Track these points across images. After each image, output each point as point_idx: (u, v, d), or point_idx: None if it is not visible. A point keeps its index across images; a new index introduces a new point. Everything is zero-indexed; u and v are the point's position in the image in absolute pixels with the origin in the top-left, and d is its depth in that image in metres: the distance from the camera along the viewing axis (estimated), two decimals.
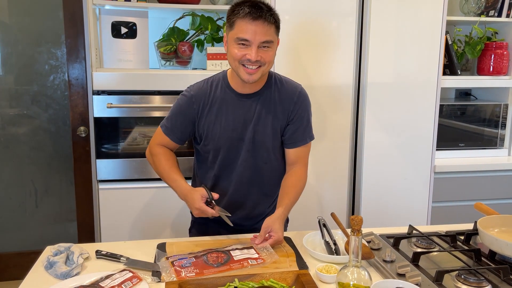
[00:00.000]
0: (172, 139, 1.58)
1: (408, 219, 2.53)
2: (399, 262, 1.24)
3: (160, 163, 1.56)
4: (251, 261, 1.27)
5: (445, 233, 1.49)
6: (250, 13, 1.36)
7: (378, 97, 2.39)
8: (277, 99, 1.54)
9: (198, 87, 1.55)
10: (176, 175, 1.52)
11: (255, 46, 1.38)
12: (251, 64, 1.40)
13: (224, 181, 1.58)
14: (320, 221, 1.47)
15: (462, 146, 2.72)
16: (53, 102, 2.91)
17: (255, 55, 1.38)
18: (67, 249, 1.30)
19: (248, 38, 1.38)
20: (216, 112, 1.52)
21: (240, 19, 1.38)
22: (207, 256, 1.27)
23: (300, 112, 1.56)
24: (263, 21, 1.37)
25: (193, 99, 1.52)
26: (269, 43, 1.40)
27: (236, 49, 1.40)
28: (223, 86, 1.53)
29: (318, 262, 1.30)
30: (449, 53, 2.64)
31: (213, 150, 1.55)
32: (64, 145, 2.95)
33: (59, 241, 2.89)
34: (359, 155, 2.44)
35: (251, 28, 1.37)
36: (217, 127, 1.52)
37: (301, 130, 1.57)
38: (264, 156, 1.56)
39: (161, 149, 1.59)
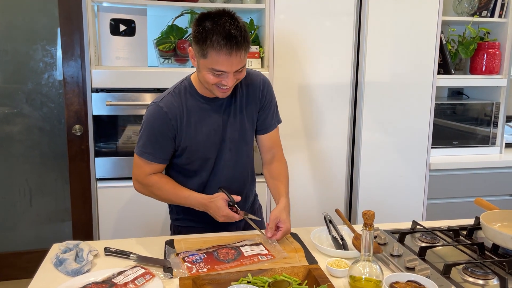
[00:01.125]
0: (160, 162, 1.49)
1: (405, 216, 2.56)
2: (406, 256, 1.27)
3: (162, 190, 1.50)
4: (261, 257, 1.28)
5: (448, 228, 1.52)
6: (225, 46, 1.28)
7: (375, 95, 2.42)
8: (245, 92, 1.52)
9: (169, 102, 1.45)
10: (184, 191, 1.49)
11: (232, 74, 1.34)
12: (226, 86, 1.37)
13: (212, 185, 1.54)
14: (326, 217, 1.48)
15: (455, 144, 2.77)
16: (48, 100, 2.88)
17: (231, 81, 1.35)
18: (75, 246, 1.29)
19: (225, 70, 1.32)
20: (195, 122, 1.46)
21: (214, 51, 1.29)
22: (217, 252, 1.27)
23: (268, 98, 1.57)
24: (240, 53, 1.31)
25: (169, 115, 1.44)
26: (243, 67, 1.37)
27: (211, 76, 1.35)
28: (192, 93, 1.47)
29: (327, 257, 1.31)
30: (443, 52, 2.68)
31: (199, 159, 1.50)
32: (59, 144, 2.93)
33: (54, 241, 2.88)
34: (356, 153, 2.47)
35: (228, 61, 1.31)
36: (199, 137, 1.47)
37: (271, 115, 1.59)
38: (246, 150, 1.57)
39: (154, 177, 1.50)
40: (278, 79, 2.32)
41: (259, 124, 1.58)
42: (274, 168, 1.60)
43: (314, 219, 2.46)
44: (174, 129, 1.45)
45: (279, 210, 1.44)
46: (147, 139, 1.46)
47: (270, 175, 1.60)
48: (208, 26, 1.30)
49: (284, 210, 1.44)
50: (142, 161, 1.48)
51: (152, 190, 1.51)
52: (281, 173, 1.59)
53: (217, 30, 1.28)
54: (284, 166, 1.62)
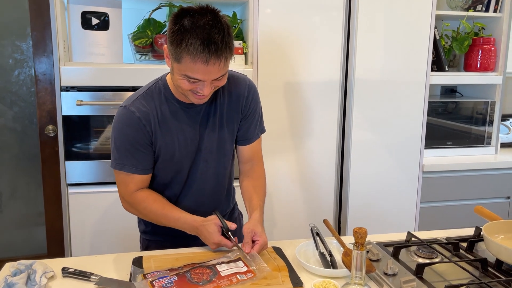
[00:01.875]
0: (144, 173, 1.32)
1: (397, 220, 2.44)
2: (402, 275, 1.13)
3: (150, 210, 1.32)
4: (240, 276, 1.13)
5: (446, 239, 1.39)
6: (203, 53, 1.11)
7: (365, 93, 2.29)
8: (227, 98, 1.36)
9: (142, 106, 1.28)
10: (175, 212, 1.32)
11: (208, 83, 1.18)
12: (201, 95, 1.21)
13: (184, 199, 1.40)
14: (313, 229, 1.34)
15: (449, 144, 2.65)
16: (18, 99, 2.70)
17: (208, 90, 1.19)
18: (28, 268, 1.14)
19: (200, 79, 1.16)
20: (170, 129, 1.31)
21: (189, 57, 1.12)
22: (190, 273, 1.13)
23: (252, 107, 1.40)
24: (219, 61, 1.14)
25: (143, 121, 1.27)
26: (223, 75, 1.20)
27: (186, 82, 1.18)
28: (168, 97, 1.31)
29: (313, 276, 1.18)
30: (437, 48, 2.56)
31: (173, 170, 1.35)
32: (31, 145, 2.75)
33: (27, 248, 2.69)
34: (346, 153, 2.34)
35: (204, 69, 1.14)
36: (174, 144, 1.32)
37: (254, 125, 1.43)
38: (223, 161, 1.41)
39: (140, 194, 1.33)
40: (263, 76, 2.17)
41: (240, 134, 1.43)
42: (251, 180, 1.45)
43: (301, 226, 2.33)
44: (150, 136, 1.29)
45: (253, 223, 1.29)
46: (123, 149, 1.29)
47: (246, 187, 1.44)
48: (186, 25, 1.12)
49: (258, 223, 1.30)
50: (123, 176, 1.31)
51: (140, 210, 1.35)
52: (258, 185, 1.44)
53: (195, 32, 1.11)
54: (262, 178, 1.47)
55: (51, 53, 2.53)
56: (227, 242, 1.27)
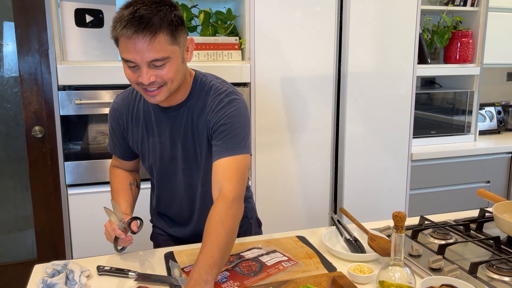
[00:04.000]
0: (119, 156, 1.43)
1: (388, 207, 2.54)
2: (427, 256, 1.20)
3: (111, 186, 1.44)
4: (285, 263, 1.17)
5: (455, 222, 1.48)
6: (126, 27, 1.04)
7: (358, 87, 2.36)
8: (198, 108, 1.25)
9: (123, 98, 1.35)
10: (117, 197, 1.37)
11: (145, 67, 1.09)
12: (147, 86, 1.13)
13: (166, 199, 1.43)
14: (334, 217, 1.39)
15: (433, 133, 2.78)
16: (2, 100, 2.61)
17: (146, 77, 1.10)
18: (64, 267, 1.13)
19: (132, 60, 1.09)
20: (142, 128, 1.31)
21: (118, 36, 1.08)
22: (239, 267, 1.15)
23: (218, 118, 1.21)
24: (143, 34, 1.05)
25: (117, 113, 1.35)
26: (161, 60, 1.09)
27: (127, 70, 1.14)
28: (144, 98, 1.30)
29: (343, 262, 1.23)
30: (420, 42, 2.67)
31: (148, 168, 1.40)
32: (17, 148, 2.66)
33: (15, 253, 2.61)
34: (340, 146, 2.41)
35: (133, 48, 1.06)
36: (145, 145, 1.33)
37: (223, 139, 1.19)
38: (202, 175, 1.31)
39: (115, 171, 1.46)
40: (260, 71, 2.20)
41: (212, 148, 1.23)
42: (211, 219, 1.09)
43: (298, 218, 2.39)
44: (122, 129, 1.37)
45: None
46: (110, 133, 1.42)
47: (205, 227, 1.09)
48: (122, 7, 1.10)
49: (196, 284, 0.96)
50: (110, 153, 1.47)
51: (110, 179, 1.46)
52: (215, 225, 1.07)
53: (126, 11, 1.06)
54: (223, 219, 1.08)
55: (36, 51, 2.46)
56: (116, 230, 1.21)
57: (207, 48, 2.16)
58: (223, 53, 2.17)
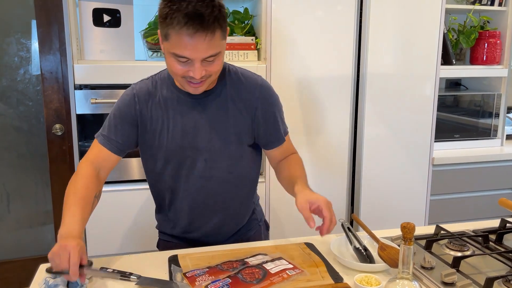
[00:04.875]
0: (110, 149, 1.27)
1: (408, 214, 2.47)
2: (440, 269, 1.15)
3: (75, 185, 1.21)
4: (290, 272, 1.14)
5: (473, 232, 1.41)
6: (187, 25, 1.06)
7: (377, 89, 2.30)
8: (235, 97, 1.28)
9: (144, 85, 1.30)
10: (72, 207, 1.16)
11: (198, 62, 1.12)
12: (195, 79, 1.15)
13: (180, 194, 1.35)
14: (344, 225, 1.35)
15: (457, 137, 2.68)
16: (24, 97, 2.66)
17: (199, 72, 1.13)
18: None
19: (188, 56, 1.11)
20: (163, 116, 1.27)
21: (175, 32, 1.08)
22: (241, 274, 1.13)
23: (267, 108, 1.31)
24: (205, 34, 1.08)
25: (136, 98, 1.27)
26: (214, 56, 1.13)
27: (176, 64, 1.14)
28: (169, 85, 1.28)
29: (350, 271, 1.18)
30: (445, 42, 2.58)
31: (162, 160, 1.30)
32: (38, 145, 2.72)
33: (35, 248, 2.66)
34: (358, 149, 2.35)
35: (191, 45, 1.08)
36: (164, 134, 1.28)
37: (274, 128, 1.35)
38: (231, 166, 1.32)
39: (87, 170, 1.24)
40: (276, 72, 2.17)
41: (262, 139, 1.35)
42: (287, 161, 1.40)
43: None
44: (138, 115, 1.28)
45: (302, 195, 1.21)
46: (109, 121, 1.30)
47: (283, 168, 1.39)
48: (173, 1, 1.09)
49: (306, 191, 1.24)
50: (94, 145, 1.30)
51: (72, 178, 1.24)
52: (296, 164, 1.38)
53: (180, 5, 1.07)
54: (299, 160, 1.42)
55: (57, 50, 2.50)
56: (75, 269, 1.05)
57: None
58: (239, 53, 2.15)
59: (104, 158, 1.28)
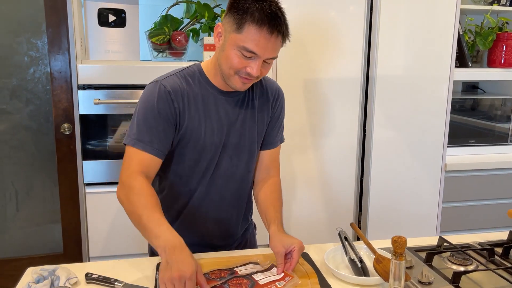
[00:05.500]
0: (156, 154, 1.19)
1: (418, 221, 2.39)
2: (438, 284, 1.08)
3: (140, 197, 1.12)
4: (279, 283, 1.10)
5: (479, 244, 1.34)
6: (269, 24, 1.10)
7: (387, 90, 2.23)
8: (258, 96, 1.33)
9: (173, 82, 1.22)
10: (161, 216, 1.11)
11: (261, 61, 1.15)
12: (249, 76, 1.17)
13: (200, 195, 1.31)
14: (341, 234, 1.30)
15: (472, 142, 2.58)
16: (34, 97, 2.68)
17: (257, 70, 1.15)
18: (51, 274, 1.11)
19: (257, 53, 1.12)
20: (198, 112, 1.24)
21: (254, 26, 1.10)
22: (228, 284, 1.09)
23: (278, 110, 1.39)
24: (280, 37, 1.14)
25: (172, 95, 1.20)
26: (275, 58, 1.18)
27: (237, 58, 1.14)
28: (201, 81, 1.26)
29: (343, 284, 1.13)
30: (460, 44, 2.49)
31: (192, 160, 1.27)
32: (47, 144, 2.73)
33: (43, 247, 2.67)
34: (367, 152, 2.29)
35: (264, 43, 1.11)
36: (200, 131, 1.24)
37: (277, 130, 1.40)
38: (249, 163, 1.35)
39: (139, 182, 1.15)
40: (282, 72, 2.12)
41: (264, 137, 1.38)
42: (267, 191, 1.35)
43: (319, 228, 2.28)
44: (176, 114, 1.21)
45: (277, 239, 1.18)
46: (143, 123, 1.19)
47: (262, 200, 1.35)
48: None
49: (280, 235, 1.20)
50: (134, 153, 1.18)
51: (129, 196, 1.14)
52: (274, 197, 1.34)
53: (261, 5, 1.11)
54: (279, 190, 1.38)
55: (66, 50, 2.50)
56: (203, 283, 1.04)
57: None
58: None
59: (149, 164, 1.19)
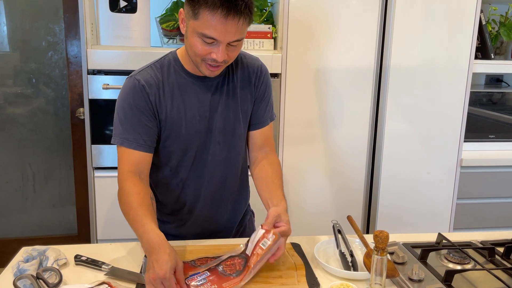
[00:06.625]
0: (145, 150, 1.20)
1: (430, 217, 2.32)
2: (429, 282, 1.04)
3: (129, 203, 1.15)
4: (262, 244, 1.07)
5: (481, 243, 1.28)
6: (222, 7, 1.05)
7: (401, 82, 2.16)
8: (239, 76, 1.30)
9: (147, 74, 1.21)
10: (148, 217, 1.11)
11: (224, 45, 1.11)
12: (215, 62, 1.14)
13: (192, 185, 1.31)
14: (335, 226, 1.27)
15: (492, 138, 2.48)
16: (51, 81, 2.74)
17: (221, 55, 1.12)
18: (41, 254, 1.13)
19: (217, 38, 1.09)
20: (177, 102, 1.22)
21: (208, 11, 1.06)
22: (222, 266, 1.09)
23: (263, 88, 1.34)
24: (238, 18, 1.08)
25: (147, 89, 1.19)
26: (239, 40, 1.14)
27: (200, 44, 1.12)
28: (177, 70, 1.24)
29: (332, 277, 1.11)
30: (482, 34, 2.38)
31: (179, 150, 1.26)
32: (63, 127, 2.79)
33: (58, 228, 2.73)
34: (378, 145, 2.23)
35: (222, 27, 1.08)
36: (181, 121, 1.23)
37: (265, 107, 1.35)
38: (238, 145, 1.32)
39: (130, 183, 1.17)
40: (292, 62, 2.08)
41: (252, 117, 1.34)
42: (267, 168, 1.32)
43: (327, 221, 2.24)
44: (154, 106, 1.21)
45: (282, 210, 1.16)
46: (125, 121, 1.20)
47: (261, 177, 1.31)
48: None
49: (285, 212, 1.18)
50: (124, 152, 1.20)
51: (121, 197, 1.18)
52: (276, 175, 1.31)
53: None
54: (278, 167, 1.35)
55: None
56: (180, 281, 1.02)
57: None
58: (254, 42, 2.08)
59: (139, 161, 1.21)
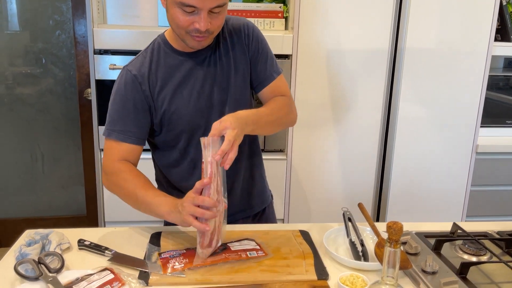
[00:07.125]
0: (133, 142, 1.20)
1: (444, 204, 2.26)
2: (443, 274, 1.00)
3: (128, 181, 1.16)
4: (250, 253, 1.07)
5: (498, 233, 1.24)
6: None
7: (416, 64, 2.08)
8: (229, 41, 1.24)
9: (139, 64, 1.20)
10: (155, 190, 1.15)
11: (205, 12, 1.07)
12: (202, 33, 1.10)
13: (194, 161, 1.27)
14: (345, 214, 1.22)
15: (509, 123, 2.40)
16: (58, 61, 2.70)
17: (204, 23, 1.08)
18: (44, 237, 1.10)
19: (196, 5, 1.05)
20: (172, 85, 1.20)
21: None
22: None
23: (256, 45, 1.27)
24: None
25: (139, 79, 1.18)
26: (221, 6, 1.09)
27: (181, 15, 1.08)
28: (167, 51, 1.22)
29: (341, 267, 1.07)
30: (502, 16, 2.28)
31: (185, 131, 1.22)
32: (71, 108, 2.77)
33: (68, 208, 2.72)
34: (391, 128, 2.17)
35: None
36: (179, 103, 1.20)
37: (265, 63, 1.28)
38: None
39: (124, 164, 1.19)
40: (304, 42, 2.01)
41: (254, 78, 1.28)
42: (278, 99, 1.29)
43: (336, 208, 2.20)
44: (147, 96, 1.19)
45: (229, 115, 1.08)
46: (115, 113, 1.19)
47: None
48: None
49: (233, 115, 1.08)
50: (111, 144, 1.20)
51: (117, 181, 1.18)
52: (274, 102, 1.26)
53: None
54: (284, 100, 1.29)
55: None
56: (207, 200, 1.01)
57: (248, 15, 2.01)
58: (264, 21, 2.01)
59: (128, 154, 1.20)
